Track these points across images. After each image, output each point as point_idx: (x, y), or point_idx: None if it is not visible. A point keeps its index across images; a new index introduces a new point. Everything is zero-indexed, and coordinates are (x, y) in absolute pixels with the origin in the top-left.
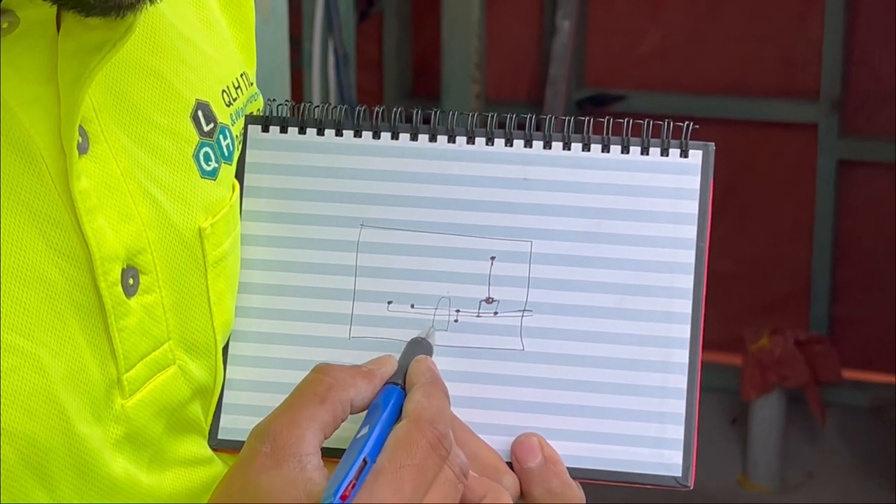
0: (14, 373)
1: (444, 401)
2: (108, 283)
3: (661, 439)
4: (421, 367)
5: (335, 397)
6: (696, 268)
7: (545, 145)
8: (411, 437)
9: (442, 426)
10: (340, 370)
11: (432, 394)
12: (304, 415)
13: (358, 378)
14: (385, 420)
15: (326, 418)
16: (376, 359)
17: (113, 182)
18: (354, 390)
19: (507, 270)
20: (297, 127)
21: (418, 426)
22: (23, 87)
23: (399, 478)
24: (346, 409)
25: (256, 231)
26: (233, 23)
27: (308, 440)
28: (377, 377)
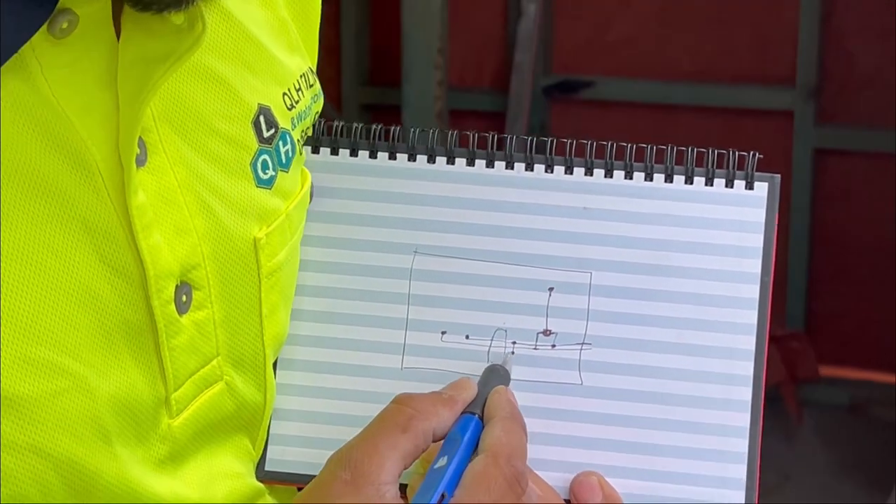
0: (62, 396)
1: (523, 437)
2: (161, 302)
3: (722, 479)
4: (500, 400)
5: (417, 427)
6: (760, 303)
7: (606, 174)
8: (489, 472)
9: (519, 463)
10: (421, 399)
11: (511, 430)
12: (386, 443)
13: (439, 406)
14: (462, 452)
15: (408, 447)
16: (455, 384)
17: (170, 195)
18: (436, 419)
19: (565, 302)
20: (349, 149)
21: (496, 462)
22: (80, 95)
23: None
24: (429, 438)
25: (307, 256)
26: (297, 18)
27: (388, 469)
28: (458, 404)
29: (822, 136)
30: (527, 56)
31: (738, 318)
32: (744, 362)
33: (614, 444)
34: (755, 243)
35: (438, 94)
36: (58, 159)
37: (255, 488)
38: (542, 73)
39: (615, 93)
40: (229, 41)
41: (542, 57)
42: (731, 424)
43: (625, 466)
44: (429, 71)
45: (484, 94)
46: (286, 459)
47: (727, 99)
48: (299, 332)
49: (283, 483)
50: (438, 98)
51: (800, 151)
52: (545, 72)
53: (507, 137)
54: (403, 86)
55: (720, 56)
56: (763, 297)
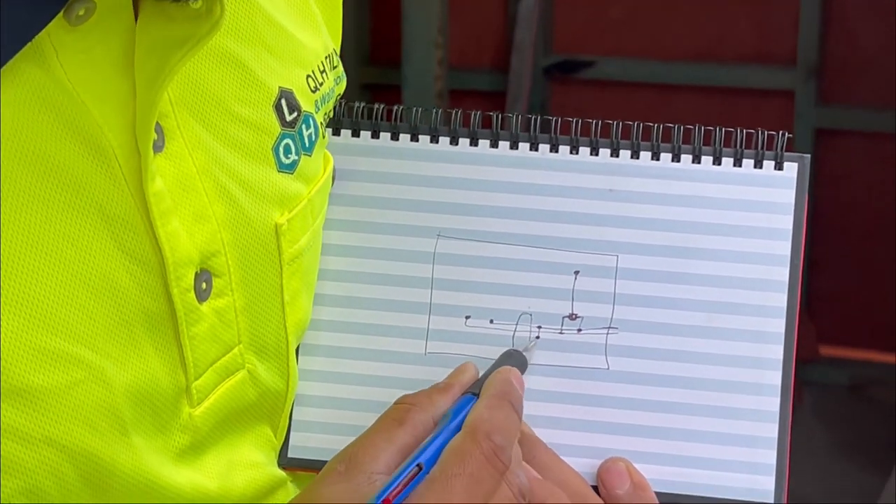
0: (78, 387)
1: (510, 414)
2: (180, 290)
3: (752, 464)
4: (495, 379)
5: (414, 418)
6: (791, 286)
7: (633, 155)
8: (465, 447)
9: (499, 439)
10: (419, 394)
11: (496, 406)
12: (382, 437)
13: (435, 395)
14: (450, 429)
15: (406, 440)
16: (456, 369)
17: (188, 181)
18: (433, 408)
19: (591, 286)
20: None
21: (473, 437)
22: (96, 81)
23: (450, 486)
24: (429, 429)
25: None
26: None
27: (382, 460)
28: (455, 388)
29: (824, 116)
30: (527, 36)
31: (768, 300)
32: (774, 346)
33: (642, 429)
34: (785, 225)
35: (439, 73)
36: (74, 146)
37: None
38: (542, 53)
39: (616, 72)
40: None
41: (543, 37)
42: (761, 409)
43: (653, 452)
44: (429, 50)
45: (484, 74)
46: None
47: (728, 79)
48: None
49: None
50: (439, 78)
51: (801, 131)
52: (546, 51)
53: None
54: (403, 65)
55: (721, 36)
56: (793, 280)
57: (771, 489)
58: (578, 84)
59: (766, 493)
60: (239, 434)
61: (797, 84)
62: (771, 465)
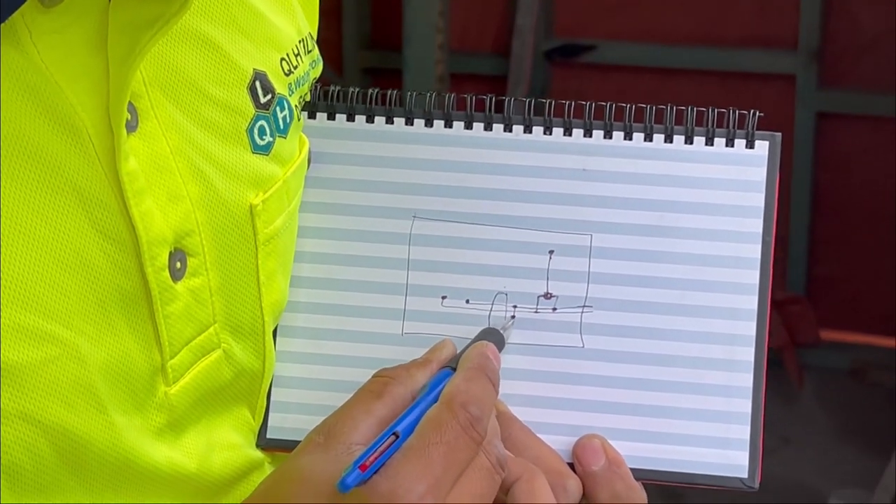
0: (52, 363)
1: (487, 387)
2: (154, 269)
3: (726, 439)
4: (471, 353)
5: (392, 391)
6: (763, 263)
7: (605, 135)
8: (442, 417)
9: (475, 409)
10: (397, 368)
11: (472, 378)
12: (360, 409)
13: (413, 370)
14: (427, 401)
15: (384, 413)
16: (434, 345)
17: (162, 161)
18: (412, 382)
19: (565, 265)
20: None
21: (450, 407)
22: (70, 61)
23: (427, 455)
24: (406, 403)
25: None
26: None
27: (361, 431)
28: (433, 364)
29: (825, 99)
30: (528, 19)
31: (740, 278)
32: (746, 322)
33: (617, 406)
34: (756, 203)
35: (439, 57)
36: (48, 125)
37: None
38: (543, 37)
39: (617, 56)
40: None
41: (544, 20)
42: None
43: (627, 429)
44: (430, 34)
45: (485, 58)
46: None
47: (729, 62)
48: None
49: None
50: (439, 62)
51: (802, 115)
52: (547, 35)
53: (506, 100)
54: (404, 49)
55: (722, 19)
56: (765, 257)
57: (745, 464)
58: (579, 68)
59: (740, 468)
60: (216, 415)
61: (798, 68)
62: (745, 441)
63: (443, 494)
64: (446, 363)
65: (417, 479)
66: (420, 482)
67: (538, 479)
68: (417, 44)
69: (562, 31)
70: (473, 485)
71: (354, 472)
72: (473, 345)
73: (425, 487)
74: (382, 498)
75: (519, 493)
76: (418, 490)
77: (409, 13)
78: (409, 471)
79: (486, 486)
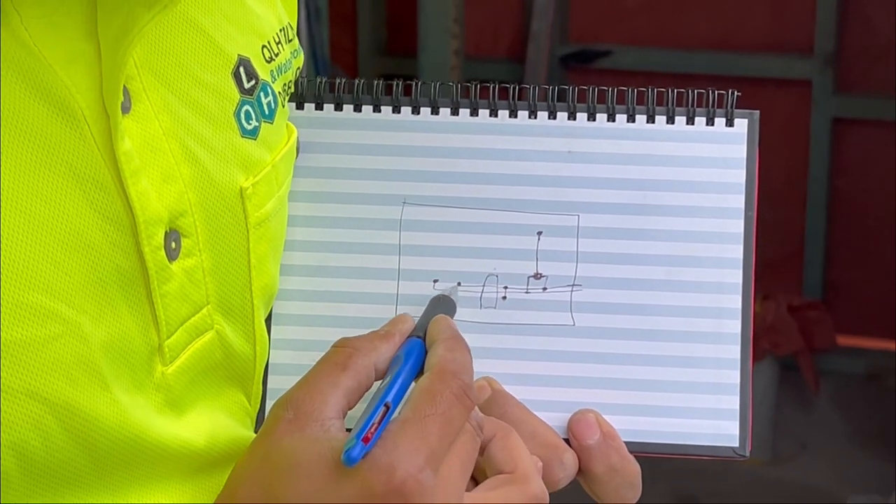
0: (56, 341)
1: (467, 355)
2: (151, 248)
3: (716, 410)
4: (441, 325)
5: (357, 363)
6: (746, 237)
7: (589, 117)
8: (435, 387)
9: (466, 377)
10: (359, 338)
11: (455, 348)
12: (326, 382)
13: (376, 341)
14: (406, 369)
15: (350, 384)
16: (393, 319)
17: (155, 142)
18: (375, 353)
19: (554, 245)
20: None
21: (442, 378)
22: (62, 43)
23: (425, 426)
24: (371, 374)
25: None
26: None
27: (331, 405)
28: (396, 336)
29: (841, 105)
30: (543, 25)
31: (725, 252)
32: (732, 296)
33: (609, 381)
34: (738, 179)
35: (455, 63)
36: (44, 108)
37: None
38: (558, 43)
39: (632, 62)
40: None
41: (559, 26)
42: (723, 357)
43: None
44: (445, 40)
45: (500, 64)
46: None
47: (745, 68)
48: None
49: None
50: (455, 68)
51: (818, 121)
52: (562, 41)
53: (490, 86)
54: (420, 55)
55: (738, 24)
56: (748, 231)
57: (736, 433)
58: (595, 73)
59: (731, 437)
60: (213, 396)
61: (814, 73)
62: (734, 411)
63: (438, 463)
64: (408, 335)
65: (416, 451)
66: (418, 454)
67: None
68: (433, 50)
69: (577, 36)
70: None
71: (358, 444)
72: (436, 318)
73: (423, 459)
74: (382, 472)
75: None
76: (417, 462)
77: (424, 19)
78: (407, 443)
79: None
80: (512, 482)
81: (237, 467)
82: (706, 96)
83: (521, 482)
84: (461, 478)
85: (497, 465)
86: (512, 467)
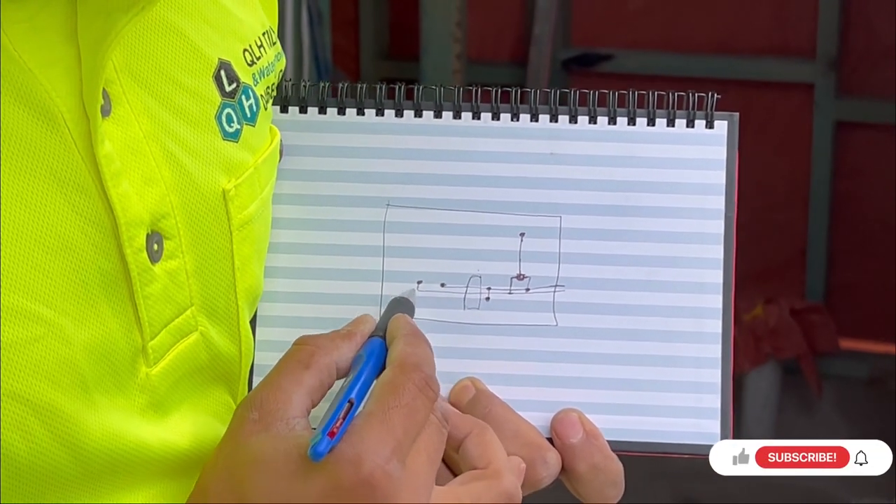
0: (38, 343)
1: (428, 349)
2: (133, 250)
3: (698, 409)
4: (400, 322)
5: (319, 362)
6: (726, 238)
7: (570, 119)
8: (397, 380)
9: (427, 369)
10: (320, 337)
11: (415, 343)
12: (289, 380)
13: (338, 340)
14: (369, 367)
15: (312, 383)
16: (354, 319)
17: (136, 145)
18: (337, 352)
19: (537, 246)
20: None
21: (404, 370)
22: (41, 48)
23: (389, 419)
24: (332, 373)
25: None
26: None
27: (295, 403)
28: (357, 336)
29: (843, 108)
30: (545, 29)
31: (706, 253)
32: (713, 295)
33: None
34: (718, 180)
35: (457, 67)
36: (23, 112)
37: None
38: (560, 46)
39: (634, 66)
40: None
41: (561, 29)
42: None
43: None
44: (447, 44)
45: (502, 68)
46: None
47: (747, 71)
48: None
49: None
50: (457, 71)
51: (820, 124)
52: (564, 45)
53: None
54: (422, 59)
55: (740, 28)
56: (728, 232)
57: (717, 432)
58: (597, 77)
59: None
60: (198, 398)
61: (816, 77)
62: (716, 409)
63: (405, 454)
64: (369, 335)
65: (382, 443)
66: (385, 446)
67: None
68: (435, 54)
69: (579, 40)
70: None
71: (324, 439)
72: (396, 315)
73: (390, 450)
74: (350, 465)
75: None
76: (384, 453)
77: (427, 23)
78: (373, 436)
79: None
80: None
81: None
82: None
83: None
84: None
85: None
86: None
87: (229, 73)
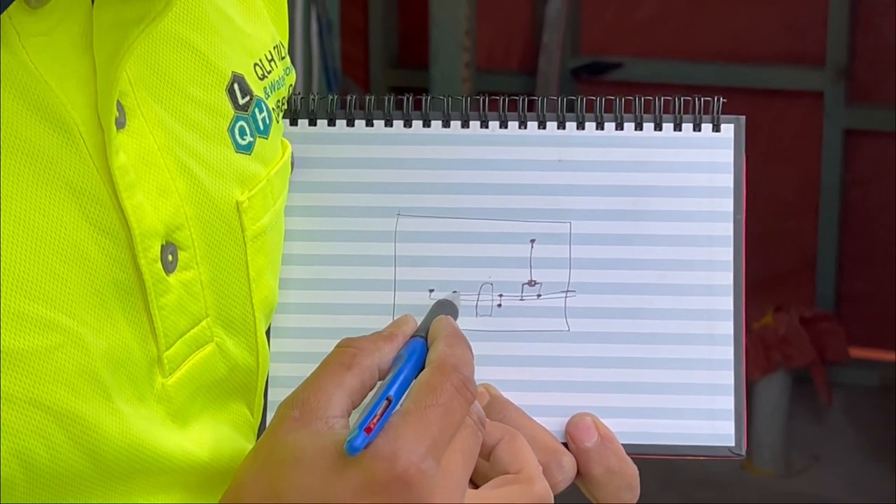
0: (58, 351)
1: (468, 351)
2: (147, 261)
3: (712, 411)
4: (442, 324)
5: (361, 363)
6: (735, 240)
7: (578, 126)
8: (435, 380)
9: (466, 370)
10: (363, 339)
11: (455, 344)
12: (331, 381)
13: (380, 342)
14: (409, 366)
15: (354, 384)
16: (396, 320)
17: (150, 157)
18: (379, 354)
19: (547, 252)
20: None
21: (442, 371)
22: (58, 61)
23: (425, 417)
24: (374, 374)
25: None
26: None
27: (335, 404)
28: (399, 337)
29: (853, 116)
30: (555, 37)
31: (715, 255)
32: (723, 297)
33: (605, 385)
34: (726, 183)
35: (466, 75)
36: (40, 123)
37: None
38: (570, 55)
39: (643, 74)
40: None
41: (570, 38)
42: (716, 358)
43: (616, 406)
44: (456, 53)
45: (512, 76)
46: None
47: (757, 79)
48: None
49: None
50: (466, 80)
51: (830, 132)
52: (573, 53)
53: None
54: (431, 68)
55: (750, 36)
56: (737, 234)
57: (731, 433)
58: (606, 86)
59: (727, 437)
60: (216, 409)
61: (826, 85)
62: (729, 411)
63: (440, 453)
64: (411, 335)
65: (417, 441)
66: (420, 443)
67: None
68: (444, 62)
69: (588, 48)
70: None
71: (361, 434)
72: (439, 317)
73: (425, 448)
74: (385, 461)
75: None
76: (419, 451)
77: (436, 32)
78: (409, 433)
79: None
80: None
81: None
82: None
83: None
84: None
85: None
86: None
87: (243, 86)
